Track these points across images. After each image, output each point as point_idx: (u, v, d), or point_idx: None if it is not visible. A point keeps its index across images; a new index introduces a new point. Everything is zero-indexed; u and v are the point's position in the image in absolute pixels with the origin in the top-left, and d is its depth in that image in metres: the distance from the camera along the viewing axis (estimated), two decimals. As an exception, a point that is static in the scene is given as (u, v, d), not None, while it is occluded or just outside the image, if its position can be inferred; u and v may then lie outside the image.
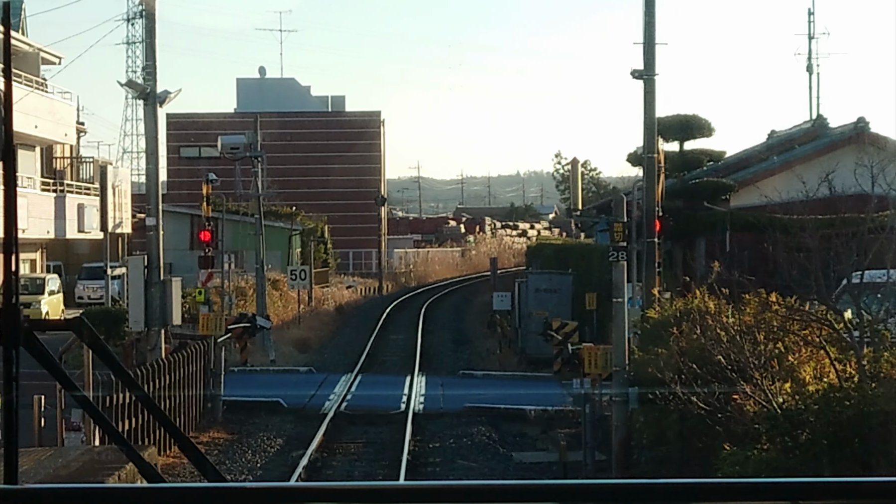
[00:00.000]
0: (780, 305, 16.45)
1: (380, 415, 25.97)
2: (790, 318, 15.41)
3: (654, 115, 23.67)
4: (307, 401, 27.81)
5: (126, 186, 45.29)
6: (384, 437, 23.77)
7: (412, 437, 23.26)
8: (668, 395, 15.19)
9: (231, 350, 35.02)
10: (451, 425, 24.89)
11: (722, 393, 14.33)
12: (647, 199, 23.64)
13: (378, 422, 25.35)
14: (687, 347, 16.14)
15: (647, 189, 23.52)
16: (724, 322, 15.89)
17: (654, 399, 16.40)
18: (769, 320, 16.18)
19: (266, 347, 37.16)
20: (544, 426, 24.69)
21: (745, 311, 16.81)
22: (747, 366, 14.25)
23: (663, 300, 23.11)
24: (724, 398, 14.39)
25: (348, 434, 24.11)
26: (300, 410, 26.54)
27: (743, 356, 13.99)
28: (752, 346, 14.90)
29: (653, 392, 16.14)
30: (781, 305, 16.41)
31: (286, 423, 25.11)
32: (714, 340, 15.12)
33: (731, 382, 14.61)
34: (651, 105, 23.46)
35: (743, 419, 14.10)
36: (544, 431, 24.33)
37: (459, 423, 25.12)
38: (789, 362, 14.84)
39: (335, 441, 23.21)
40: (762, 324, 16.10)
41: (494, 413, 26.02)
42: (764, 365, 14.57)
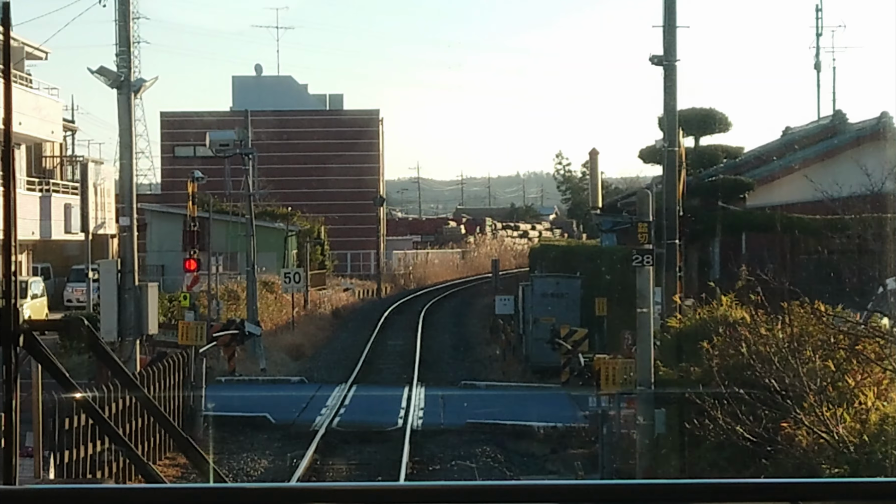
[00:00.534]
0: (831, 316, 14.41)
1: (375, 432, 23.89)
2: (846, 332, 13.33)
3: (676, 104, 21.64)
4: (297, 415, 25.77)
5: (110, 185, 43.22)
6: (379, 457, 21.69)
7: (410, 459, 21.20)
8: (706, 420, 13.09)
9: (219, 358, 33.01)
10: (453, 444, 22.82)
11: (770, 421, 12.26)
12: (668, 196, 21.54)
13: (373, 439, 23.28)
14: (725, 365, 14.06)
15: (668, 185, 21.44)
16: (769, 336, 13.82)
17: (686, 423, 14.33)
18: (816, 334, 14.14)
19: (257, 355, 35.11)
20: (554, 445, 22.63)
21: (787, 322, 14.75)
22: (802, 389, 12.20)
23: (685, 308, 21.03)
24: (772, 427, 12.33)
25: (340, 454, 22.04)
26: (289, 427, 24.46)
27: (799, 379, 11.91)
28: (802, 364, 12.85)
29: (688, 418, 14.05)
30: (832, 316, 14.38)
31: (273, 442, 23.03)
32: (758, 358, 13.03)
33: (779, 408, 12.58)
34: (672, 94, 21.42)
35: (794, 451, 12.08)
36: (554, 451, 22.27)
37: (461, 441, 23.05)
38: (845, 383, 12.80)
39: (325, 463, 21.15)
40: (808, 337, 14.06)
41: (499, 430, 23.96)
42: (819, 387, 12.53)
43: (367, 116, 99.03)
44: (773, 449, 12.15)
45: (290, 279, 45.48)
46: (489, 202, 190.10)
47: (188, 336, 23.39)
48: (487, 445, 22.57)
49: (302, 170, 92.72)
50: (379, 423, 24.73)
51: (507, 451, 22.26)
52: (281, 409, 26.08)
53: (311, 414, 25.93)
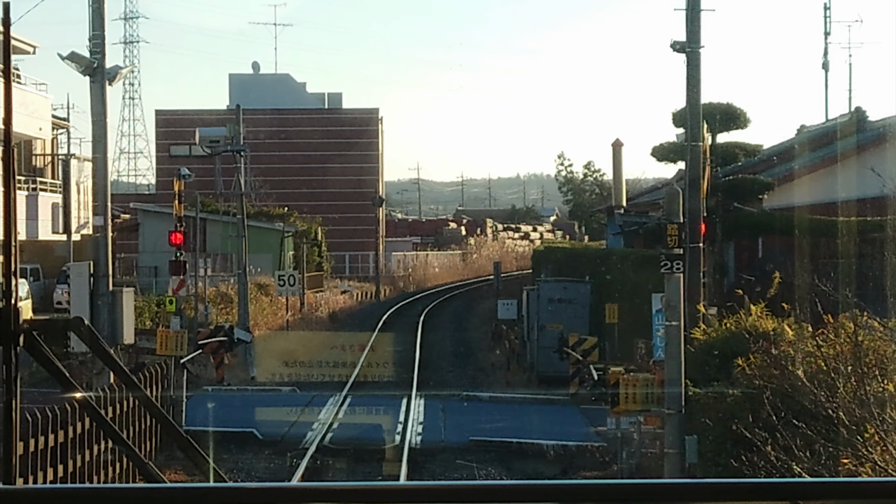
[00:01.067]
0: (886, 330, 12.60)
1: (370, 449, 22.02)
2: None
3: (699, 95, 19.78)
4: (287, 430, 23.92)
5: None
6: (373, 479, 19.81)
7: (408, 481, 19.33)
8: (752, 453, 11.24)
9: (207, 365, 31.23)
10: (455, 465, 20.93)
11: (830, 458, 10.43)
12: (691, 195, 19.66)
13: (368, 458, 21.40)
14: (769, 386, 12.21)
15: (691, 184, 19.56)
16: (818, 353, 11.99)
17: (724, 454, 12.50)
18: (872, 351, 12.32)
19: (247, 363, 33.30)
20: (565, 465, 20.77)
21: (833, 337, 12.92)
22: (863, 417, 10.39)
23: (710, 317, 19.17)
24: (832, 462, 10.50)
25: (331, 476, 20.17)
26: (277, 444, 22.59)
27: (867, 408, 10.07)
28: (864, 386, 11.04)
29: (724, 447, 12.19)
30: (888, 330, 12.56)
31: (259, 461, 21.13)
32: (813, 380, 11.18)
33: (836, 440, 10.78)
34: (696, 84, 19.58)
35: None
36: (565, 472, 20.43)
37: (464, 460, 21.18)
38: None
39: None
40: (862, 355, 12.24)
41: (505, 449, 22.09)
42: (882, 415, 10.72)
43: (366, 115, 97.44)
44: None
45: (284, 282, 43.70)
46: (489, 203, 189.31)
47: (167, 346, 21.48)
48: (492, 466, 20.72)
49: (300, 169, 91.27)
50: (374, 440, 22.86)
51: (514, 472, 20.38)
52: (269, 422, 24.24)
53: (301, 429, 24.06)
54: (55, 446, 14.91)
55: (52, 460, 14.73)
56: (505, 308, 42.00)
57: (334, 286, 70.92)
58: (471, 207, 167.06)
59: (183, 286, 31.12)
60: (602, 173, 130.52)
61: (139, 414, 19.58)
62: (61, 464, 14.95)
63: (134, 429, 18.72)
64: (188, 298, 37.47)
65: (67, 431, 15.10)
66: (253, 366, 32.62)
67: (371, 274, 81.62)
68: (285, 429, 23.99)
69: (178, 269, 30.53)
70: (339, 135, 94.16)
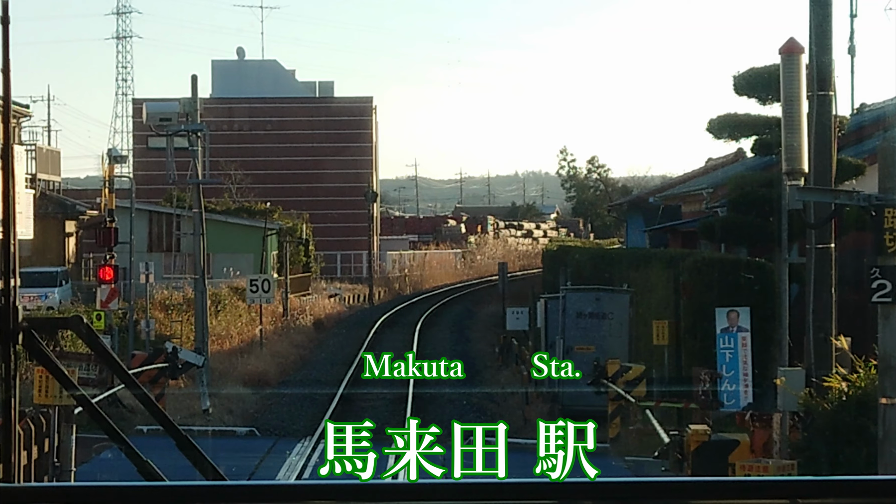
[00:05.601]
0: None
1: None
2: None
3: (831, 11, 13.22)
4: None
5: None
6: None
7: None
8: None
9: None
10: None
11: None
12: (817, 175, 13.07)
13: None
14: None
15: (819, 158, 12.94)
16: None
17: None
18: None
19: (200, 392, 26.79)
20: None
21: None
22: None
23: (849, 356, 12.67)
24: None
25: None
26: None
27: None
28: None
29: None
30: None
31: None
32: None
33: None
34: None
35: None
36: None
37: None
38: None
39: None
40: None
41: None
42: None
43: (359, 104, 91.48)
44: None
45: (257, 287, 37.14)
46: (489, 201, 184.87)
47: (47, 391, 14.78)
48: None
49: (287, 162, 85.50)
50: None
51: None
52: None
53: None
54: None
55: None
56: (515, 318, 36.09)
57: (323, 289, 64.90)
58: (469, 205, 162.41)
59: (115, 297, 24.57)
60: (608, 169, 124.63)
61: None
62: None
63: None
64: (137, 308, 31.09)
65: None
66: (205, 396, 26.11)
67: (364, 275, 75.52)
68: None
69: (108, 275, 24.01)
70: (330, 125, 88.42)
